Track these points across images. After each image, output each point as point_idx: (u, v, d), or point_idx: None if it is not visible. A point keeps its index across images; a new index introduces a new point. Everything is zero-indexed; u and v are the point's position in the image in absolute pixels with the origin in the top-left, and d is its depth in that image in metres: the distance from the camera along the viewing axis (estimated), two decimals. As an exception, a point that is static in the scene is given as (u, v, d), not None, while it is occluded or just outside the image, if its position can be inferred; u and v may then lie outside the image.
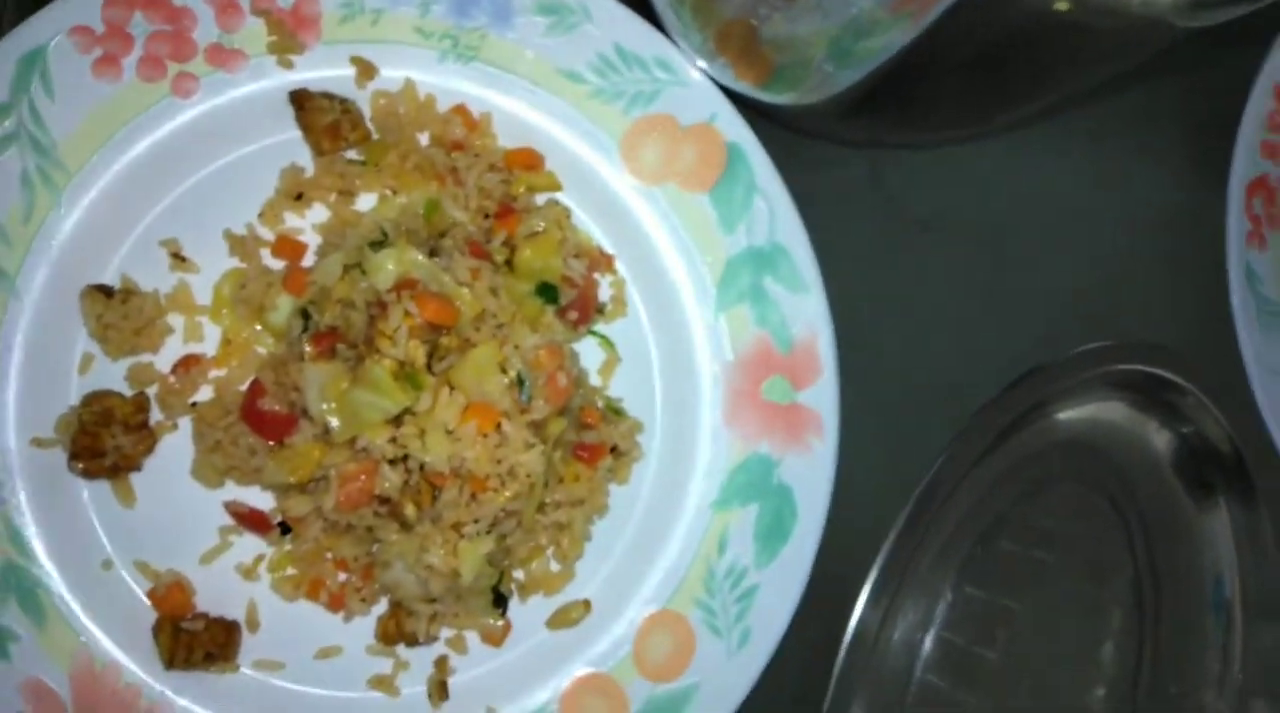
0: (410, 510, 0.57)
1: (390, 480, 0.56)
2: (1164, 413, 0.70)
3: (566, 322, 0.62)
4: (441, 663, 0.61)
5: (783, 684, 0.65)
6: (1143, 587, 0.69)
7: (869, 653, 0.66)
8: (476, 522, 0.58)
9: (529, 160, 0.63)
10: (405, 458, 0.56)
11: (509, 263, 0.61)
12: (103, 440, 0.56)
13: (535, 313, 0.61)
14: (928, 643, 0.68)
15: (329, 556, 0.60)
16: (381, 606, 0.61)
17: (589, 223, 0.65)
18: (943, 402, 0.67)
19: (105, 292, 0.58)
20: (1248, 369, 0.72)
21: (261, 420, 0.57)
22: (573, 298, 0.62)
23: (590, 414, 0.63)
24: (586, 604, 0.63)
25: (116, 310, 0.58)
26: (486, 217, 0.61)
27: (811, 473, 0.64)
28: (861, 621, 0.65)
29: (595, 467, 0.63)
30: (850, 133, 0.70)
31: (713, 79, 0.63)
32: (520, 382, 0.59)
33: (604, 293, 0.66)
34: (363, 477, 0.56)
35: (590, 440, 0.63)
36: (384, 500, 0.57)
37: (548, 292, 0.61)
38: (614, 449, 0.63)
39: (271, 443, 0.58)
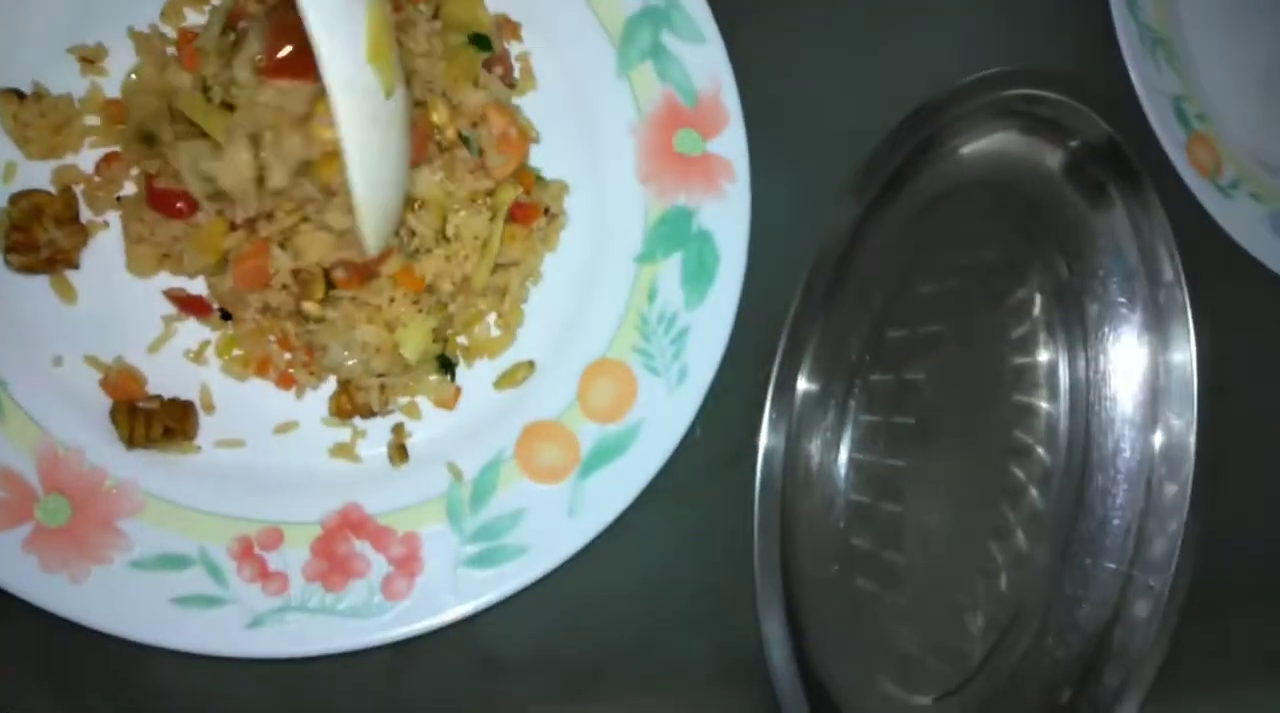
0: (311, 307, 0.58)
1: (279, 264, 0.57)
2: (1053, 131, 0.72)
3: (501, 82, 0.64)
4: (398, 429, 0.63)
5: (727, 432, 0.68)
6: (1056, 295, 0.73)
7: (797, 399, 0.70)
8: (416, 302, 0.61)
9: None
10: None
11: (436, 16, 0.61)
12: (35, 235, 0.57)
13: (470, 67, 0.61)
14: (859, 384, 0.71)
15: (271, 338, 0.61)
16: (332, 381, 0.63)
17: (485, 0, 0.66)
18: (847, 143, 0.68)
19: (18, 94, 0.59)
20: (1136, 90, 0.75)
21: (166, 202, 0.57)
22: (491, 58, 0.63)
23: (525, 177, 0.64)
24: (530, 365, 0.65)
25: (32, 110, 0.58)
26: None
27: (728, 216, 0.66)
28: (782, 364, 0.69)
29: (530, 229, 0.65)
30: None
31: None
32: (465, 140, 0.60)
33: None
34: (255, 258, 0.57)
35: (525, 202, 0.64)
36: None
37: (481, 41, 0.62)
38: (546, 211, 0.65)
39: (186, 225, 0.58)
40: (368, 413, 0.61)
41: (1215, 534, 0.66)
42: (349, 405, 0.61)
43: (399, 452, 0.63)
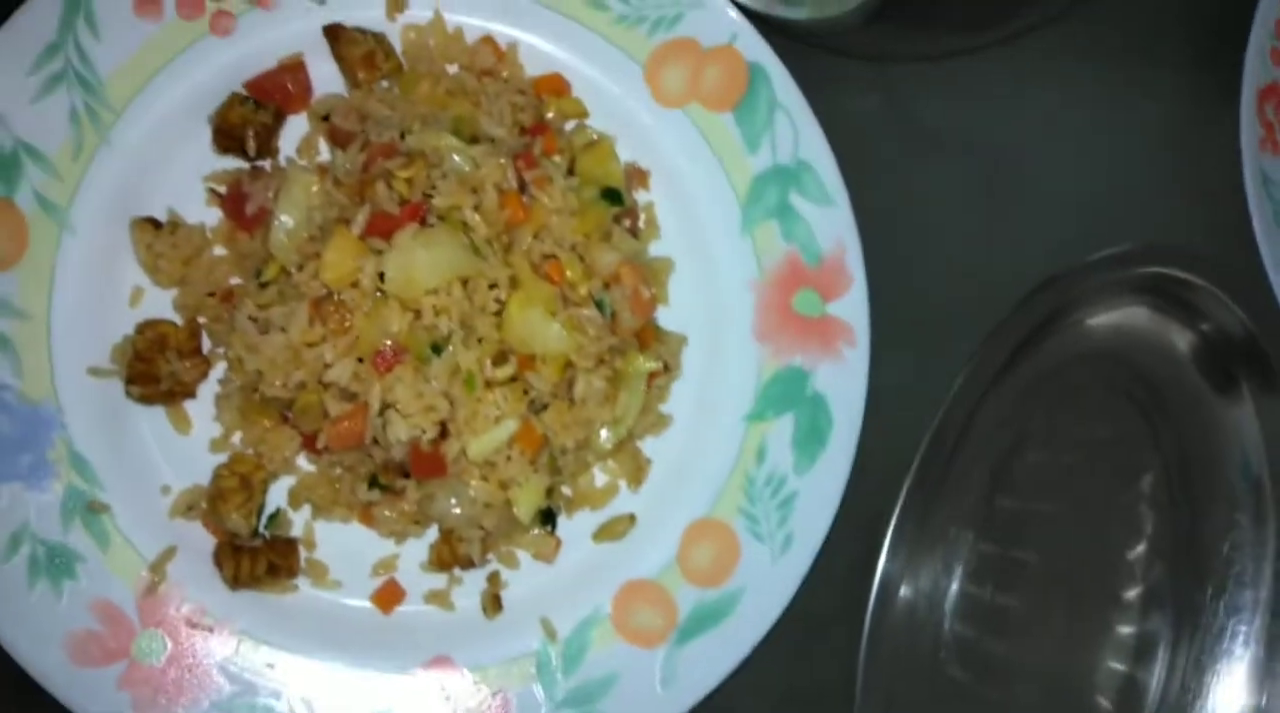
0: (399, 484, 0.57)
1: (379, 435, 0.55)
2: (1183, 312, 0.69)
3: (629, 234, 0.62)
4: (494, 578, 0.61)
5: (829, 594, 0.65)
6: (1172, 485, 0.69)
7: (905, 565, 0.67)
8: (532, 460, 0.59)
9: (556, 86, 0.63)
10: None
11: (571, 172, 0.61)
12: (157, 367, 0.57)
13: (602, 222, 0.60)
14: (963, 553, 0.68)
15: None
16: (433, 529, 0.61)
17: (617, 148, 0.64)
18: (969, 312, 0.66)
19: (154, 224, 0.59)
20: (1267, 272, 0.72)
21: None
22: (622, 211, 0.62)
23: (646, 332, 0.63)
24: (631, 518, 0.63)
25: (165, 241, 0.58)
26: (523, 131, 0.61)
27: (845, 381, 0.64)
28: (895, 531, 0.66)
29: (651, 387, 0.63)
30: (864, 45, 0.69)
31: (732, 1, 0.64)
32: (598, 303, 0.59)
33: (632, 218, 0.66)
34: (348, 421, 0.55)
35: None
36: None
37: (613, 195, 0.61)
38: (665, 366, 0.64)
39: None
40: (468, 565, 0.60)
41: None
42: (449, 557, 0.59)
43: (493, 602, 0.61)
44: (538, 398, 0.59)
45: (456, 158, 0.57)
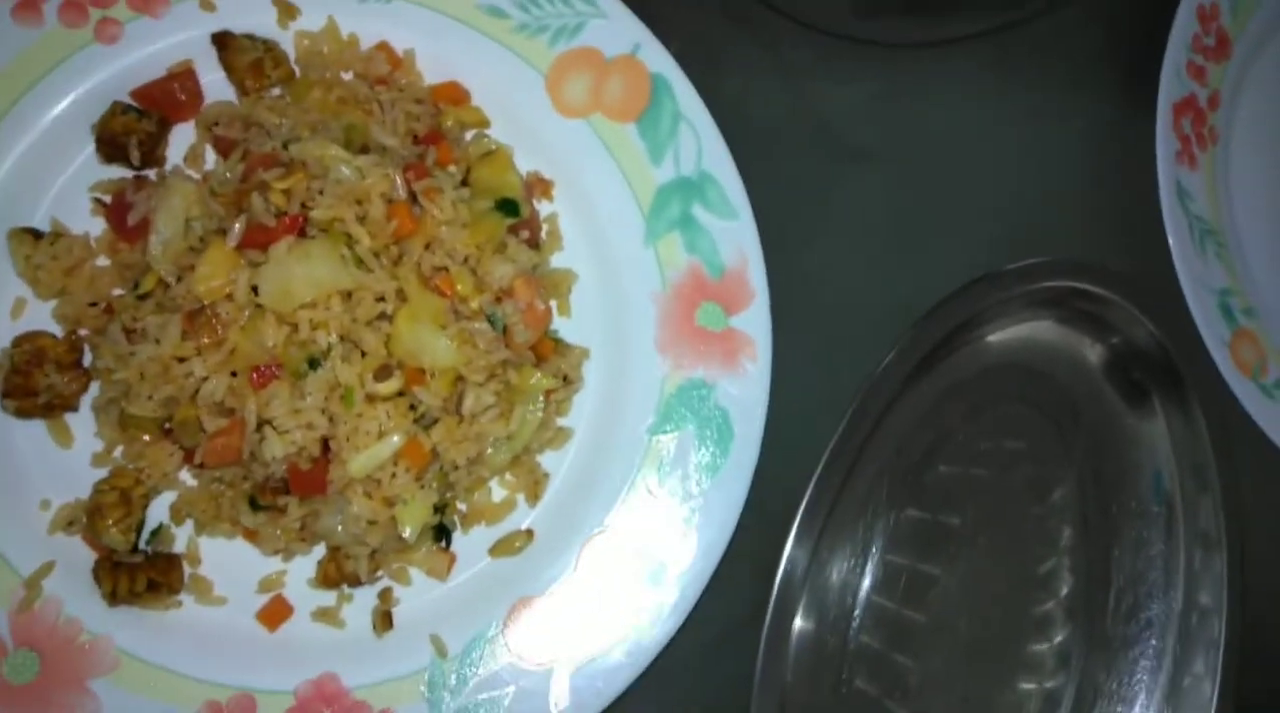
0: (280, 501, 0.55)
1: (256, 452, 0.54)
2: (1093, 326, 0.68)
3: (524, 245, 0.61)
4: (385, 594, 0.59)
5: (733, 604, 0.64)
6: (1086, 499, 0.68)
7: (807, 579, 0.65)
8: (418, 476, 0.57)
9: (454, 95, 0.62)
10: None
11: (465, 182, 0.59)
12: (35, 380, 0.55)
13: (494, 233, 0.59)
14: (869, 565, 0.67)
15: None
16: (321, 546, 0.60)
17: (518, 157, 0.63)
18: (875, 324, 0.65)
19: (34, 234, 0.57)
20: (1181, 284, 0.71)
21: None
22: (518, 222, 0.60)
23: (543, 345, 0.62)
24: (529, 533, 0.61)
25: (45, 251, 0.56)
26: (416, 140, 0.59)
27: (746, 395, 0.62)
28: (796, 543, 0.64)
29: (550, 400, 0.61)
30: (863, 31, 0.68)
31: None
32: (490, 318, 0.57)
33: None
34: (224, 437, 0.54)
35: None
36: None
37: (508, 206, 0.59)
38: (565, 378, 0.62)
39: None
40: (355, 582, 0.58)
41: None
42: (336, 574, 0.57)
43: (383, 619, 0.59)
44: (427, 413, 0.57)
45: (344, 168, 0.55)
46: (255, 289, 0.52)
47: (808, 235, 0.67)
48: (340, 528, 0.56)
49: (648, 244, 0.63)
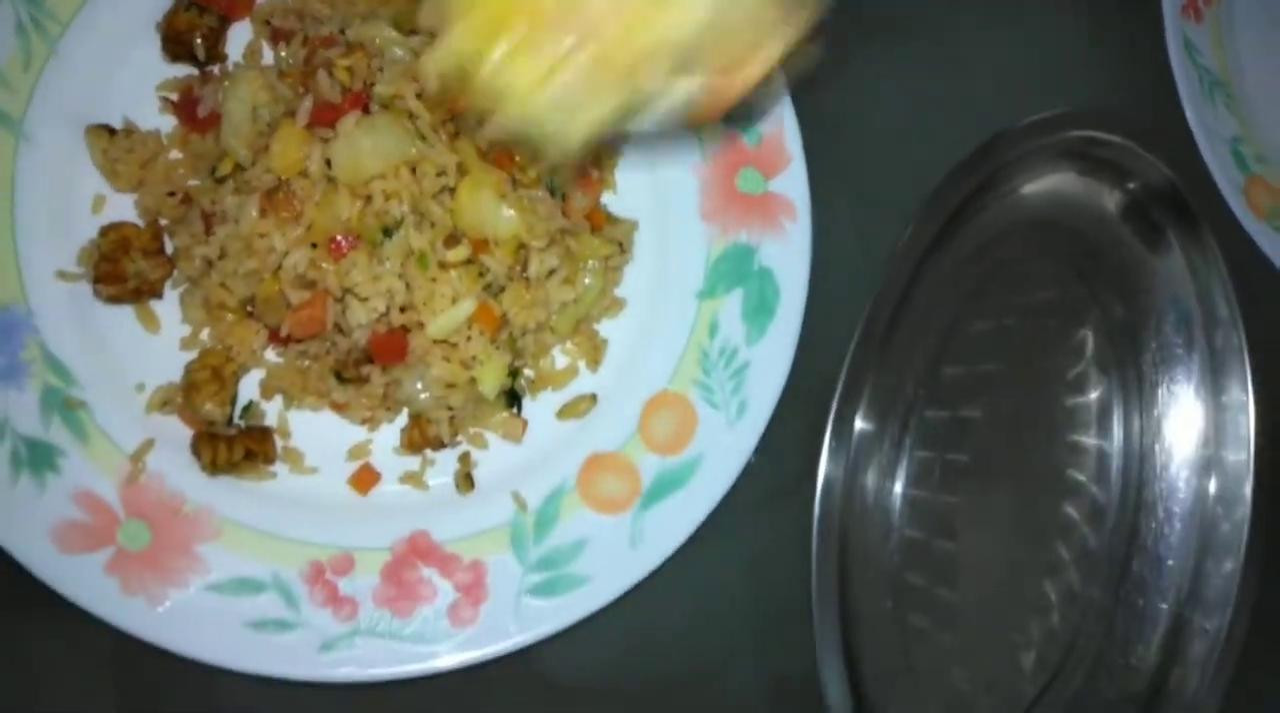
0: (364, 371, 0.56)
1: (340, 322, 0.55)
2: (1111, 173, 0.69)
3: None
4: (465, 458, 0.61)
5: (785, 461, 0.66)
6: (1113, 337, 0.70)
7: (854, 434, 0.67)
8: (492, 338, 0.59)
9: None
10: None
11: None
12: (123, 267, 0.56)
13: None
14: (912, 419, 0.69)
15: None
16: (404, 415, 0.61)
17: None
18: (906, 184, 0.66)
19: (109, 130, 0.58)
20: (1194, 133, 0.73)
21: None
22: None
23: (596, 216, 0.63)
24: (592, 398, 0.63)
25: (120, 146, 0.57)
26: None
27: (789, 254, 0.64)
28: (841, 400, 0.66)
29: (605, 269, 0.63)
30: None
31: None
32: (550, 186, 0.59)
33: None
34: (308, 310, 0.55)
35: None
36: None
37: None
38: (620, 247, 0.63)
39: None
40: (439, 446, 0.60)
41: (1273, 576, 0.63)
42: (420, 439, 0.59)
43: (465, 481, 0.61)
44: (494, 281, 0.59)
45: (398, 50, 0.57)
46: (328, 163, 0.54)
47: (838, 103, 0.68)
48: (423, 394, 0.58)
49: (687, 117, 0.65)
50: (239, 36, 0.61)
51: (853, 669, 0.65)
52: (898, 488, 0.69)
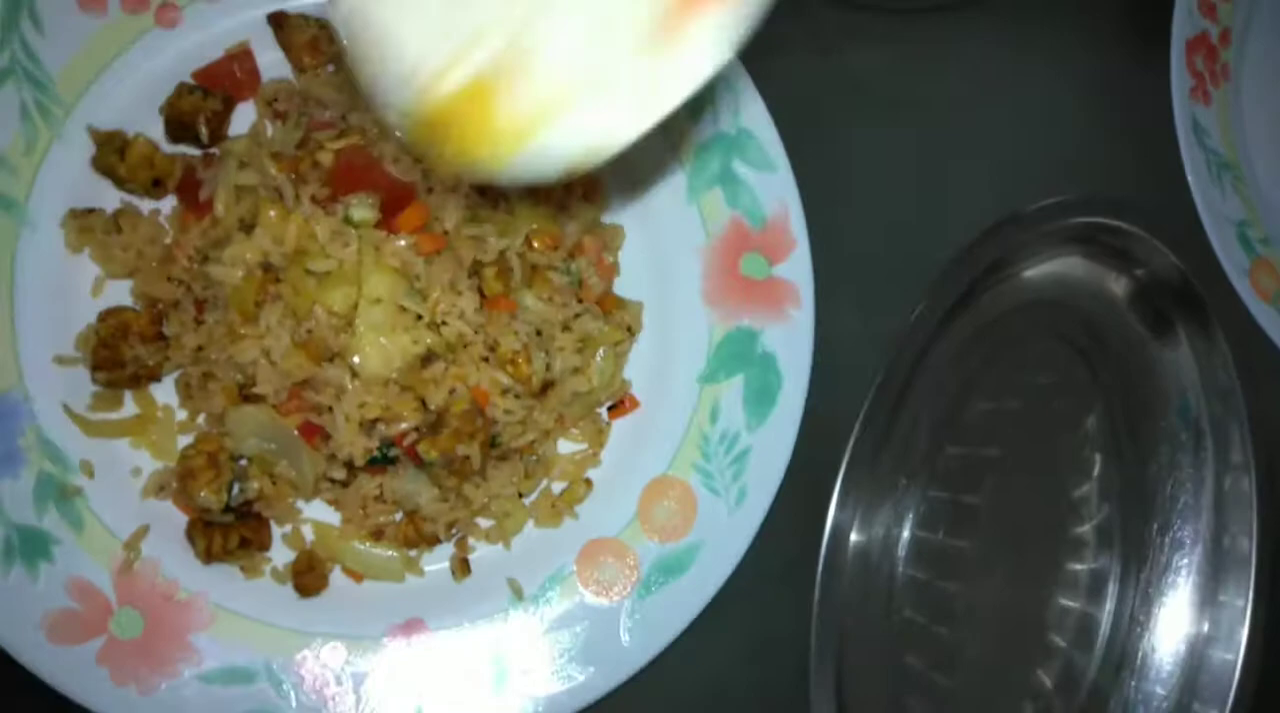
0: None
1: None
2: (1118, 259, 0.67)
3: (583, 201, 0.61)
4: (461, 543, 0.60)
5: (784, 546, 0.64)
6: (1116, 427, 0.68)
7: (855, 513, 0.65)
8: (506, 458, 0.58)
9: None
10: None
11: None
12: (121, 352, 0.55)
13: (551, 193, 0.58)
14: (914, 501, 0.67)
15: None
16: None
17: (564, 122, 0.64)
18: (912, 268, 0.64)
19: (105, 215, 0.57)
20: (1201, 216, 0.71)
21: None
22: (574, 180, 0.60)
23: (607, 300, 0.62)
24: (588, 483, 0.62)
25: (110, 230, 0.56)
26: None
27: (792, 340, 0.63)
28: (844, 483, 0.64)
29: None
30: None
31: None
32: (567, 271, 0.58)
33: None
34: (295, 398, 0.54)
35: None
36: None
37: None
38: (628, 330, 0.62)
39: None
40: (434, 542, 0.58)
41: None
42: (415, 535, 0.58)
43: (462, 566, 0.59)
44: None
45: (400, 133, 0.56)
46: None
47: (843, 186, 0.67)
48: (419, 494, 0.57)
49: (690, 200, 0.63)
50: (244, 116, 0.60)
51: (851, 759, 0.64)
52: (899, 570, 0.68)
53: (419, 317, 0.53)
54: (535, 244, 0.57)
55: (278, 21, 0.58)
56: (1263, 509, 0.67)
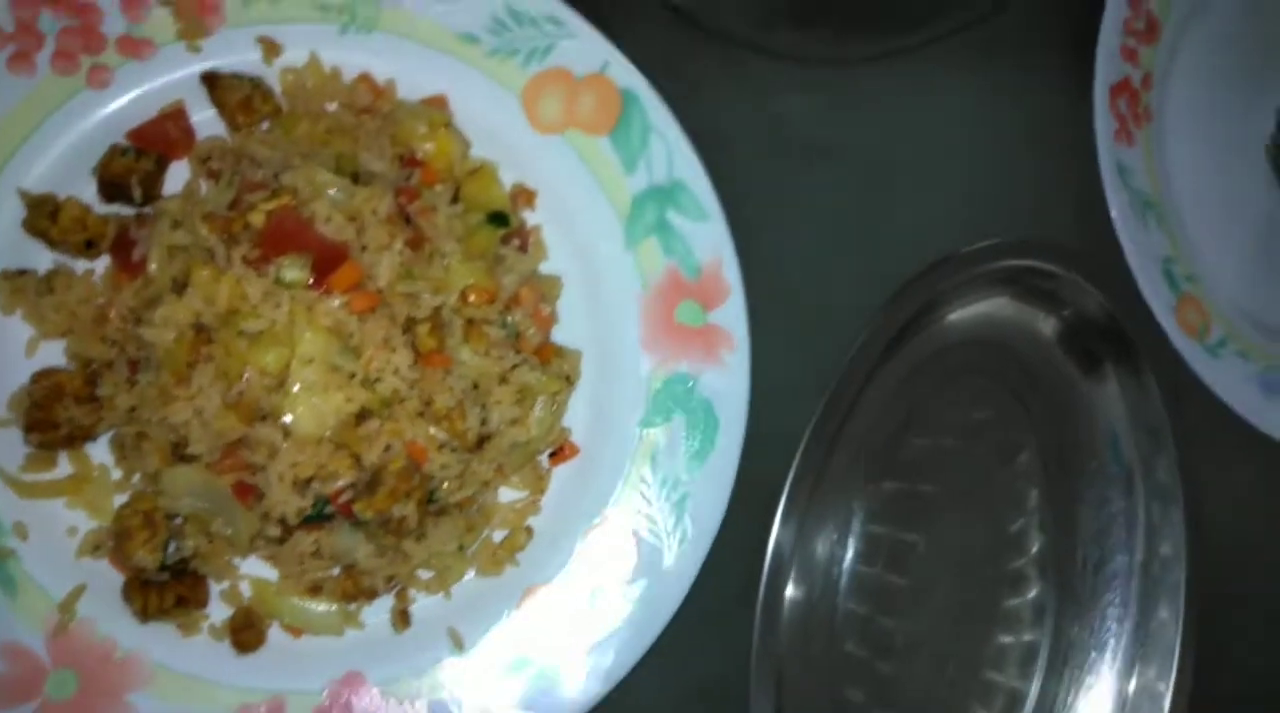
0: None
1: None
2: (1046, 301, 0.69)
3: (519, 252, 0.61)
4: (402, 594, 0.60)
5: (726, 584, 0.65)
6: (1048, 461, 0.70)
7: (794, 554, 0.66)
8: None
9: (439, 104, 0.61)
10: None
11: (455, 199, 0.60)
12: (55, 413, 0.55)
13: (489, 245, 0.59)
14: (852, 537, 0.68)
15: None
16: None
17: (501, 172, 0.63)
18: (845, 309, 0.66)
19: (38, 276, 0.57)
20: (1126, 255, 0.73)
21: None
22: (509, 232, 0.61)
23: (546, 350, 0.62)
24: (529, 530, 0.62)
25: (44, 291, 0.56)
26: (404, 163, 0.59)
27: (728, 385, 0.63)
28: (783, 521, 0.65)
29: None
30: (777, 43, 0.69)
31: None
32: (504, 324, 0.58)
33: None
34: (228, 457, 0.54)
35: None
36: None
37: (499, 218, 0.60)
38: (567, 379, 0.63)
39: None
40: (373, 596, 0.58)
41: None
42: (353, 589, 0.58)
43: (401, 618, 0.60)
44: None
45: (331, 192, 0.56)
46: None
47: (776, 232, 0.68)
48: (356, 550, 0.57)
49: (627, 249, 0.64)
50: (179, 173, 0.60)
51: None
52: (840, 604, 0.69)
53: (352, 375, 0.54)
54: (471, 298, 0.58)
55: (211, 81, 0.59)
56: (1191, 538, 0.70)
